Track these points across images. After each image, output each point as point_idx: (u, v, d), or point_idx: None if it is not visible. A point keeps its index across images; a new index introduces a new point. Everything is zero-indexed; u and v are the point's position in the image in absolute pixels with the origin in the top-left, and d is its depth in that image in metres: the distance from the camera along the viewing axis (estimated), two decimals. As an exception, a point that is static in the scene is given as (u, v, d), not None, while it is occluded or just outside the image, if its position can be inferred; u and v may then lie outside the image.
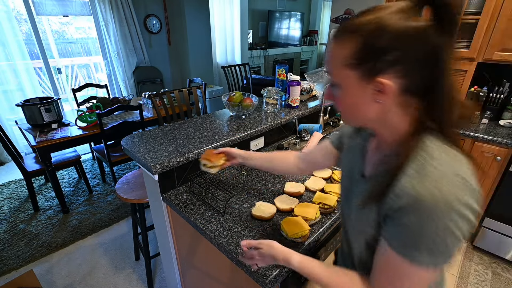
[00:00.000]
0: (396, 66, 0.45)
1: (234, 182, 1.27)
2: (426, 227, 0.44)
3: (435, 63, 0.45)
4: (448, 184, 0.43)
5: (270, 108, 1.76)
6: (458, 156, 0.48)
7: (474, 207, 0.44)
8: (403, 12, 0.44)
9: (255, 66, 5.62)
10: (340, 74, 0.50)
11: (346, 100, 0.53)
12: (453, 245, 0.45)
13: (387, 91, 0.47)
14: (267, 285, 0.77)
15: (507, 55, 1.80)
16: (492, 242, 1.95)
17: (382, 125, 0.53)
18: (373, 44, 0.45)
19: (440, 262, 0.46)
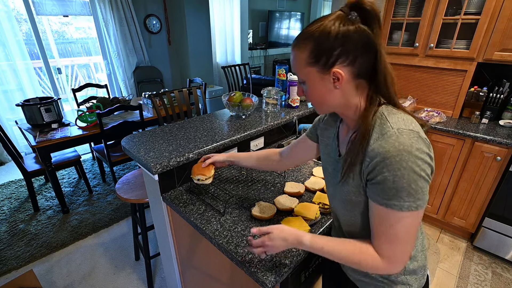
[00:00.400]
0: (341, 58, 0.59)
1: (234, 182, 1.27)
2: (399, 176, 0.54)
3: (370, 51, 0.59)
4: (405, 138, 0.55)
5: (270, 108, 1.76)
6: (407, 117, 0.61)
7: (428, 152, 0.56)
8: (339, 19, 0.59)
9: (255, 66, 5.61)
10: (304, 72, 0.64)
11: (314, 92, 0.65)
12: (424, 186, 0.55)
13: (341, 78, 0.60)
14: (267, 285, 0.77)
15: (507, 55, 1.80)
16: (492, 242, 1.95)
17: (346, 107, 0.66)
18: (322, 45, 0.59)
19: (420, 204, 0.56)
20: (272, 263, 0.83)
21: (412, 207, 0.55)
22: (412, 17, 2.12)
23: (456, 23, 1.95)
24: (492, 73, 2.10)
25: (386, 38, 2.27)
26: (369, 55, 0.59)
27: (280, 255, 0.85)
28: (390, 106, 0.64)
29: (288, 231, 0.71)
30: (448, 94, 2.16)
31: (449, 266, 1.93)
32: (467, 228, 2.08)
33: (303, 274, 0.97)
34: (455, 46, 1.99)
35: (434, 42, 2.04)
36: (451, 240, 2.17)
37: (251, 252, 0.84)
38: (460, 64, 2.01)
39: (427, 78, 2.22)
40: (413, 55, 2.19)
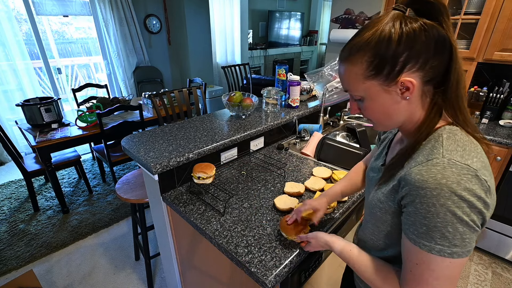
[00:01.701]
0: (409, 64, 0.50)
1: (234, 182, 1.27)
2: (433, 213, 0.46)
3: (444, 50, 0.50)
4: (454, 172, 0.45)
5: (270, 108, 1.76)
6: (473, 147, 0.50)
7: (481, 196, 0.45)
8: (398, 18, 0.50)
9: (255, 66, 5.62)
10: (362, 88, 0.55)
11: (377, 108, 0.56)
12: (466, 233, 0.46)
13: (412, 86, 0.51)
14: (267, 285, 0.77)
15: (507, 55, 1.80)
16: (492, 242, 1.95)
17: (409, 121, 0.57)
18: (384, 53, 0.50)
19: (457, 252, 0.46)
20: (272, 263, 0.83)
21: (446, 252, 0.47)
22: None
23: (456, 23, 1.94)
24: (492, 73, 2.10)
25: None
26: (443, 55, 0.50)
27: (280, 255, 0.85)
28: (456, 127, 0.53)
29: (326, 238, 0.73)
30: (448, 94, 2.16)
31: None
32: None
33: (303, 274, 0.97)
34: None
35: (434, 42, 2.04)
36: (451, 240, 2.17)
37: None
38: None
39: (427, 78, 2.22)
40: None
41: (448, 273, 0.48)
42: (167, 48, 4.51)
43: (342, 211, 1.07)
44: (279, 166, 1.40)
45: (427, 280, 0.50)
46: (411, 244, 0.51)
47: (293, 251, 0.87)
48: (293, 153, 1.55)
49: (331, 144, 1.44)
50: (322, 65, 6.58)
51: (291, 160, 1.47)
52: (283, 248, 0.88)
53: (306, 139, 1.73)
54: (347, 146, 1.42)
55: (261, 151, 1.59)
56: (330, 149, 1.43)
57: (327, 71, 1.90)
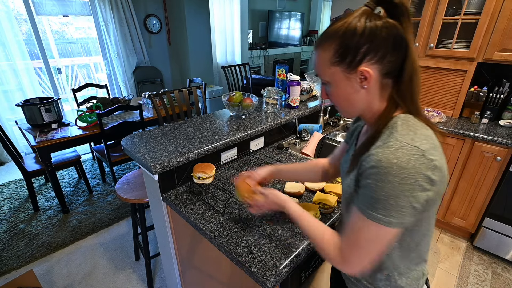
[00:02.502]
0: (369, 55, 0.56)
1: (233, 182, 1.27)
2: (380, 187, 0.52)
3: (400, 47, 0.56)
4: (404, 153, 0.52)
5: (270, 108, 1.76)
6: (423, 131, 0.56)
7: (426, 173, 0.52)
8: (365, 14, 0.56)
9: (255, 66, 5.61)
10: (329, 73, 0.61)
11: (339, 93, 0.63)
12: (406, 207, 0.52)
13: (369, 76, 0.57)
14: (267, 285, 0.77)
15: (507, 55, 1.80)
16: (492, 242, 1.95)
17: (369, 109, 0.63)
18: (348, 43, 0.56)
19: (392, 221, 0.53)
20: (272, 263, 0.83)
21: (382, 221, 0.54)
22: (412, 17, 2.12)
23: (456, 23, 1.94)
24: (492, 73, 2.10)
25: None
26: (399, 52, 0.56)
27: (280, 255, 0.85)
28: (410, 115, 0.59)
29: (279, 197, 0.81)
30: (448, 94, 2.16)
31: (449, 266, 1.93)
32: (467, 228, 2.08)
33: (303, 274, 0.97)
34: (455, 46, 1.99)
35: (434, 42, 2.04)
36: (451, 240, 2.17)
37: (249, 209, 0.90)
38: (460, 64, 2.01)
39: (427, 78, 2.22)
40: (413, 55, 2.19)
41: (379, 240, 0.56)
42: (167, 48, 4.51)
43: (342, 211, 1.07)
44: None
45: (360, 243, 0.57)
46: (357, 213, 0.57)
47: (293, 251, 0.87)
48: (293, 153, 1.55)
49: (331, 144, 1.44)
50: (322, 65, 6.56)
51: (291, 160, 1.47)
52: (283, 248, 0.88)
53: (306, 139, 1.73)
54: (347, 146, 1.42)
55: (261, 151, 1.59)
56: (330, 149, 1.43)
57: (327, 71, 1.89)
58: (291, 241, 0.91)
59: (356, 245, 0.58)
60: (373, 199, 0.54)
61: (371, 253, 0.57)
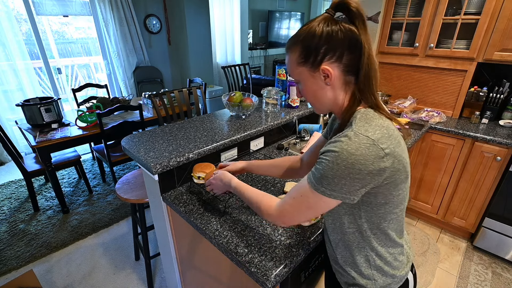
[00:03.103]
0: (328, 55, 0.63)
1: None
2: (329, 167, 0.59)
3: (356, 48, 0.62)
4: (356, 141, 0.58)
5: (270, 108, 1.76)
6: (379, 122, 0.62)
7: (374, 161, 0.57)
8: (324, 20, 0.63)
9: (255, 66, 5.61)
10: (297, 72, 0.69)
11: (307, 90, 0.70)
12: (348, 187, 0.59)
13: (330, 74, 0.64)
14: (267, 285, 0.77)
15: (507, 55, 1.80)
16: (492, 242, 1.95)
17: (336, 105, 0.69)
18: (309, 45, 0.64)
19: (326, 191, 0.61)
20: (272, 263, 0.83)
21: (324, 191, 0.61)
22: (412, 17, 2.12)
23: (456, 23, 1.95)
24: (492, 73, 2.11)
25: (386, 38, 2.27)
26: (355, 52, 0.63)
27: (280, 255, 0.85)
28: (370, 109, 0.65)
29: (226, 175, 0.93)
30: (448, 94, 2.16)
31: (449, 266, 1.93)
32: (467, 228, 2.08)
33: (303, 274, 0.97)
34: (455, 46, 2.00)
35: (434, 42, 2.04)
36: (451, 240, 2.17)
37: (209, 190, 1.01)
38: (460, 64, 2.01)
39: (427, 78, 2.22)
40: (413, 55, 2.19)
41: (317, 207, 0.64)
42: (167, 48, 4.51)
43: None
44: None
45: (301, 207, 0.66)
46: (306, 183, 0.64)
47: (293, 251, 0.87)
48: (293, 153, 1.55)
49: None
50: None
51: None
52: (283, 248, 0.88)
53: (306, 139, 1.73)
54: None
55: (261, 151, 1.59)
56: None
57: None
58: (291, 241, 0.91)
59: (297, 208, 0.67)
60: (321, 176, 0.60)
61: (307, 216, 0.67)
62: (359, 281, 0.74)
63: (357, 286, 0.75)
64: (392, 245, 0.73)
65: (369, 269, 0.73)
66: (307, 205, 0.65)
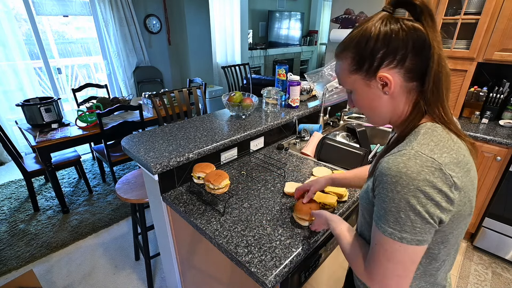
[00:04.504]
0: (387, 60, 0.54)
1: (234, 182, 1.27)
2: (390, 198, 0.49)
3: (423, 50, 0.53)
4: (417, 163, 0.48)
5: (270, 108, 1.76)
6: (449, 144, 0.52)
7: (441, 189, 0.47)
8: (381, 19, 0.54)
9: (255, 66, 5.61)
10: (350, 81, 0.60)
11: (363, 101, 0.61)
12: (417, 222, 0.48)
13: (390, 82, 0.55)
14: (267, 285, 0.77)
15: (507, 55, 1.80)
16: (492, 242, 1.95)
17: (396, 115, 0.60)
18: (363, 49, 0.55)
19: (406, 237, 0.49)
20: (272, 263, 0.83)
21: (396, 236, 0.50)
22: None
23: (456, 23, 1.94)
24: (492, 73, 2.11)
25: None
26: (421, 55, 0.53)
27: (280, 255, 0.85)
28: (438, 125, 0.55)
29: (327, 217, 0.79)
30: (448, 94, 2.16)
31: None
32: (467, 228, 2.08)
33: (303, 274, 0.97)
34: (455, 46, 2.00)
35: (434, 42, 2.04)
36: (451, 240, 2.17)
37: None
38: (460, 64, 2.01)
39: (427, 78, 2.22)
40: (413, 55, 2.19)
41: (399, 257, 0.51)
42: (167, 48, 4.51)
43: (342, 211, 1.07)
44: (279, 166, 1.40)
45: (381, 261, 0.53)
46: (374, 225, 0.54)
47: (293, 251, 0.87)
48: (293, 153, 1.55)
49: (331, 144, 1.44)
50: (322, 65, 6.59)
51: (291, 160, 1.47)
52: (283, 248, 0.88)
53: (306, 139, 1.73)
54: (347, 146, 1.42)
55: (261, 151, 1.59)
56: (330, 149, 1.43)
57: (327, 71, 1.90)
58: (291, 241, 0.91)
59: (377, 262, 0.54)
60: (383, 210, 0.51)
61: (395, 272, 0.52)
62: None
63: None
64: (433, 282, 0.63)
65: None
66: (387, 258, 0.52)
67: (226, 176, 1.08)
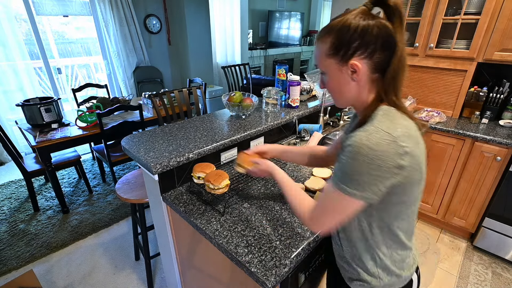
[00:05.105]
0: (359, 50, 0.62)
1: (234, 182, 1.27)
2: (350, 164, 0.58)
3: (389, 46, 0.61)
4: (376, 136, 0.57)
5: (270, 108, 1.76)
6: (401, 122, 0.61)
7: (396, 159, 0.57)
8: (361, 13, 0.62)
9: (255, 66, 5.61)
10: (325, 64, 0.68)
11: (333, 83, 0.69)
12: (369, 184, 0.58)
13: (358, 70, 0.63)
14: (267, 285, 0.77)
15: (507, 55, 1.80)
16: (492, 242, 1.95)
17: (359, 101, 0.69)
18: (342, 38, 0.62)
19: (353, 192, 0.60)
20: (272, 263, 0.83)
21: (346, 191, 0.60)
22: (412, 17, 2.12)
23: (456, 23, 1.95)
24: (492, 73, 2.11)
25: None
26: (387, 50, 0.61)
27: (280, 255, 0.85)
28: (392, 108, 0.64)
29: (269, 166, 0.94)
30: (448, 94, 2.16)
31: (449, 266, 1.93)
32: (467, 228, 2.08)
33: (303, 274, 0.97)
34: (455, 46, 2.00)
35: (434, 42, 2.04)
36: (451, 240, 2.17)
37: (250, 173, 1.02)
38: (460, 64, 2.01)
39: (427, 78, 2.22)
40: (413, 55, 2.19)
41: (342, 208, 0.63)
42: (167, 48, 4.51)
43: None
44: (279, 166, 1.40)
45: (328, 209, 0.66)
46: (330, 183, 0.65)
47: (293, 251, 0.87)
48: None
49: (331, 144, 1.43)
50: (322, 65, 6.56)
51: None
52: (283, 248, 0.88)
53: (306, 139, 1.73)
54: (347, 146, 1.41)
55: (261, 151, 1.58)
56: (330, 149, 1.43)
57: (327, 71, 1.89)
58: (291, 241, 0.91)
59: (324, 210, 0.67)
60: (342, 173, 0.60)
61: (335, 219, 0.66)
62: (364, 276, 0.75)
63: (361, 281, 0.76)
64: (401, 247, 0.73)
65: (375, 268, 0.74)
66: (333, 207, 0.64)
67: (226, 176, 1.08)
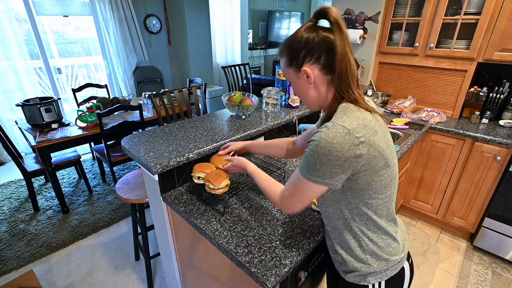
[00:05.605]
0: (307, 58, 0.72)
1: (234, 182, 1.27)
2: (312, 156, 0.67)
3: (331, 50, 0.70)
4: (333, 131, 0.65)
5: (270, 108, 1.76)
6: (356, 115, 0.68)
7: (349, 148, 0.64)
8: (307, 28, 0.73)
9: (255, 66, 5.61)
10: (287, 74, 0.79)
11: (297, 89, 0.79)
12: (329, 170, 0.66)
13: (310, 74, 0.73)
14: (267, 285, 0.77)
15: (507, 55, 1.80)
16: (492, 242, 1.95)
17: (321, 101, 0.77)
18: (292, 49, 0.74)
19: (315, 179, 0.68)
20: (272, 263, 0.83)
21: (310, 177, 0.69)
22: (412, 17, 2.12)
23: (456, 23, 1.95)
24: (492, 73, 2.11)
25: (386, 38, 2.27)
26: (331, 52, 0.70)
27: (280, 255, 0.85)
28: (350, 104, 0.72)
29: (241, 162, 1.01)
30: (448, 94, 2.16)
31: (449, 266, 1.93)
32: (467, 228, 2.08)
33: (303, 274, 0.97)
34: (455, 46, 2.00)
35: (434, 42, 2.04)
36: (451, 240, 2.17)
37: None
38: (460, 64, 2.01)
39: (427, 78, 2.22)
40: (413, 55, 2.19)
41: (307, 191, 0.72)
42: (167, 48, 4.51)
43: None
44: (279, 166, 1.40)
45: (295, 192, 0.75)
46: (297, 171, 0.73)
47: (293, 251, 0.87)
48: (293, 153, 1.55)
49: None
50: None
51: (291, 160, 1.47)
52: (283, 248, 0.88)
53: (306, 139, 1.73)
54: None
55: (261, 151, 1.58)
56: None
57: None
58: (291, 241, 0.91)
59: (293, 193, 0.75)
60: (307, 163, 0.68)
61: (302, 201, 0.75)
62: (354, 264, 0.79)
63: (354, 271, 0.80)
64: (383, 232, 0.78)
65: (363, 254, 0.78)
66: (300, 191, 0.73)
67: (226, 176, 1.08)
